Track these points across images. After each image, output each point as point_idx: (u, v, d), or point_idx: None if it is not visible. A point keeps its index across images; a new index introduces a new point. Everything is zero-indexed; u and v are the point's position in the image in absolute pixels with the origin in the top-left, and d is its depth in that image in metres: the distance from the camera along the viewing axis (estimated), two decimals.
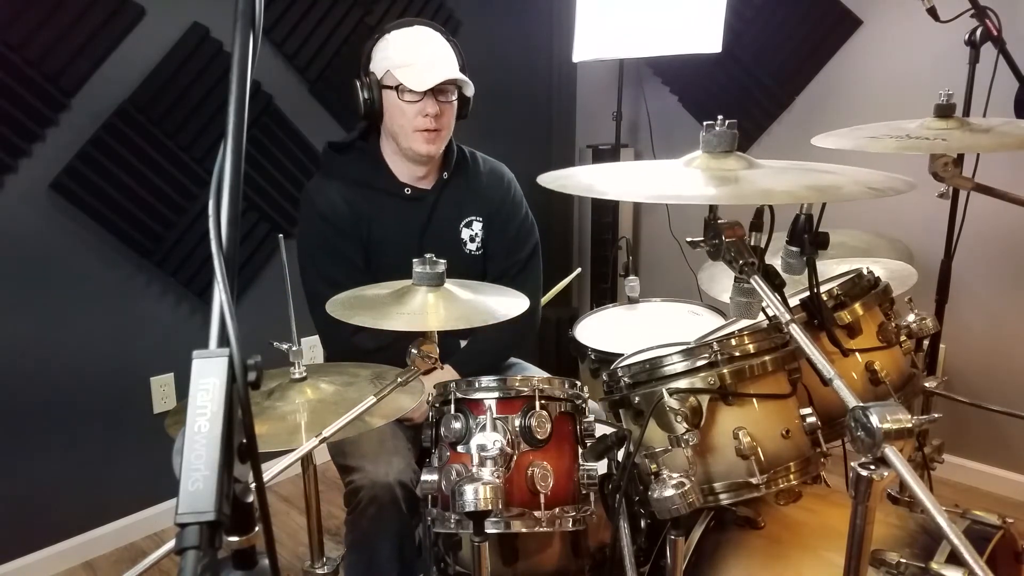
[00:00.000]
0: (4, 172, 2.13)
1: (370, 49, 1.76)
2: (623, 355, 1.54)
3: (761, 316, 1.21)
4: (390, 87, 1.72)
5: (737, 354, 1.22)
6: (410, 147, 1.77)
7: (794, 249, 1.23)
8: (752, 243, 1.12)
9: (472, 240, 1.91)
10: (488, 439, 1.15)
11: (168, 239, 2.43)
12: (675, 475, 1.09)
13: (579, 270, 1.96)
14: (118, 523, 2.51)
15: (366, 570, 1.64)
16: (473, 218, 1.91)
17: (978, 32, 1.92)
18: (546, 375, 1.71)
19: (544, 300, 1.84)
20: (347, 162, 1.84)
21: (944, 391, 1.66)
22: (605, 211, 3.31)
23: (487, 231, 1.93)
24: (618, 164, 2.18)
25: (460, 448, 1.30)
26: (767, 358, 1.23)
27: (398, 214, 1.83)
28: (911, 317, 1.51)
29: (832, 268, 1.60)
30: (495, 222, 1.93)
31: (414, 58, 1.72)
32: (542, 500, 1.25)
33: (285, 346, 1.38)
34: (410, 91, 1.69)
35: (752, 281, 1.04)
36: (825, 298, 1.35)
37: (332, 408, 1.30)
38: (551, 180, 1.21)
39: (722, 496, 1.20)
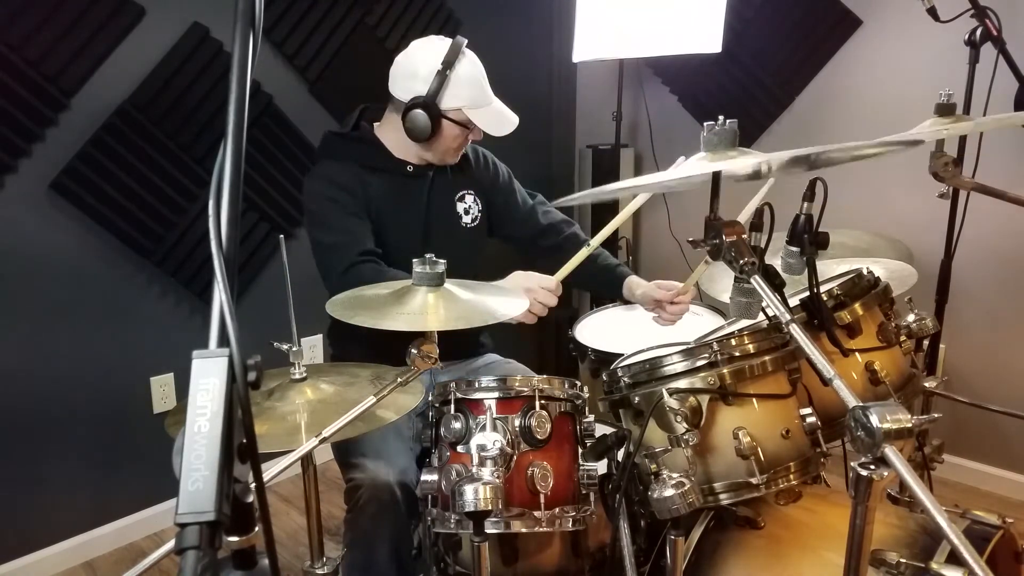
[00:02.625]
0: (4, 172, 2.13)
1: (437, 81, 1.75)
2: (623, 355, 1.54)
3: (761, 316, 1.21)
4: (458, 122, 1.80)
5: (737, 354, 1.23)
6: (444, 160, 1.89)
7: (794, 249, 1.23)
8: (752, 243, 1.12)
9: (467, 213, 1.99)
10: (488, 439, 1.16)
11: (168, 239, 2.43)
12: (675, 475, 1.09)
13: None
14: (118, 523, 2.51)
15: (364, 569, 1.64)
16: (465, 192, 1.99)
17: (978, 32, 1.92)
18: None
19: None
20: (349, 147, 1.90)
21: (944, 391, 1.66)
22: (605, 211, 3.30)
23: (487, 204, 2.02)
24: (625, 183, 2.18)
25: (460, 448, 1.31)
26: (767, 358, 1.23)
27: (401, 191, 1.89)
28: (911, 317, 1.51)
29: (832, 268, 1.60)
30: (495, 194, 2.04)
31: (483, 98, 1.83)
32: (542, 500, 1.25)
33: (285, 346, 1.38)
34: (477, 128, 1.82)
35: (752, 281, 1.04)
36: (825, 298, 1.35)
37: (332, 408, 1.30)
38: (565, 202, 1.20)
39: (722, 496, 1.20)
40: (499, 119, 1.84)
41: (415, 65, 1.78)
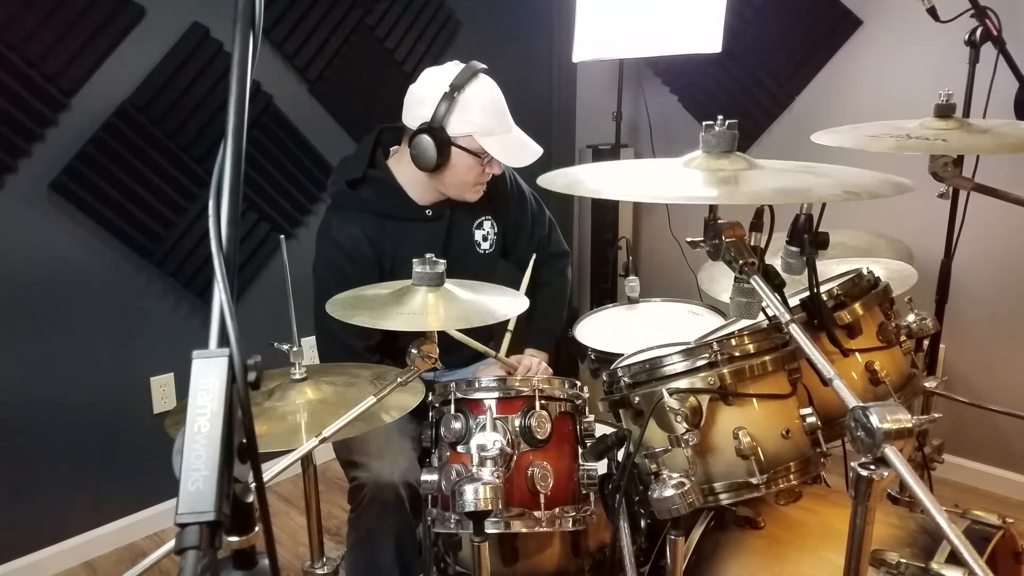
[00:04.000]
0: (4, 172, 2.12)
1: (442, 104, 1.66)
2: (623, 355, 1.54)
3: (761, 316, 1.21)
4: (470, 151, 1.70)
5: (737, 354, 1.22)
6: (462, 196, 1.81)
7: (794, 249, 1.23)
8: (752, 243, 1.12)
9: (485, 240, 1.94)
10: (488, 439, 1.16)
11: (168, 239, 2.43)
12: (675, 475, 1.09)
13: (534, 257, 2.03)
14: (118, 523, 2.51)
15: (367, 569, 1.65)
16: (483, 218, 1.94)
17: (978, 32, 1.93)
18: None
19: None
20: (364, 196, 1.80)
21: (944, 391, 1.66)
22: (605, 211, 3.30)
23: (503, 228, 1.98)
24: (617, 163, 2.18)
25: (460, 448, 1.31)
26: (767, 358, 1.23)
27: (420, 235, 1.82)
28: (911, 317, 1.50)
29: (832, 268, 1.60)
30: (508, 217, 1.99)
31: (498, 125, 1.73)
32: (542, 500, 1.25)
33: (285, 346, 1.38)
34: (489, 159, 1.72)
35: (752, 281, 1.04)
36: (825, 298, 1.35)
37: (332, 408, 1.31)
38: (551, 180, 1.21)
39: (722, 496, 1.20)
40: (517, 148, 1.74)
41: (424, 90, 1.70)
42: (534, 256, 2.02)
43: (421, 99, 1.70)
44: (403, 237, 1.80)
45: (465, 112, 1.68)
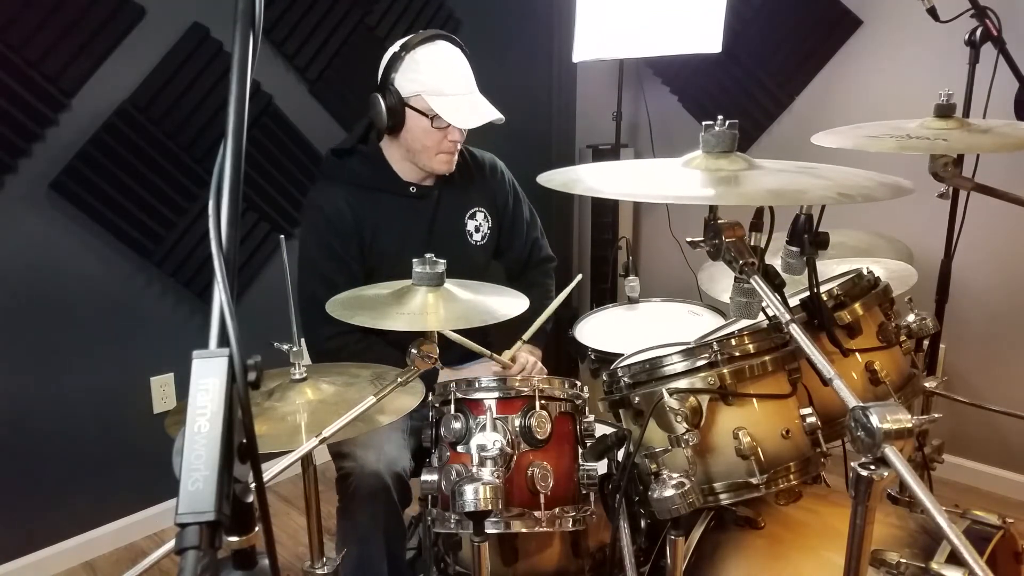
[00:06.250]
0: (4, 172, 2.13)
1: (392, 63, 1.72)
2: (623, 355, 1.54)
3: (761, 316, 1.21)
4: (420, 111, 1.71)
5: (737, 354, 1.22)
6: (429, 165, 1.80)
7: (794, 249, 1.23)
8: (752, 243, 1.12)
9: (477, 231, 1.94)
10: (488, 439, 1.16)
11: (168, 239, 2.43)
12: (675, 475, 1.09)
13: (580, 276, 1.99)
14: (118, 523, 2.51)
15: (356, 560, 1.65)
16: (477, 209, 1.94)
17: (978, 32, 1.93)
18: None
19: (548, 312, 1.88)
20: (350, 166, 1.83)
21: (944, 391, 1.66)
22: (605, 211, 3.31)
23: (498, 224, 1.99)
24: (617, 163, 2.18)
25: (460, 448, 1.31)
26: (767, 358, 1.23)
27: (405, 212, 1.84)
28: (911, 317, 1.50)
29: (832, 268, 1.60)
30: (504, 216, 2.00)
31: (449, 86, 1.72)
32: (542, 500, 1.25)
33: (285, 346, 1.38)
34: (445, 122, 1.70)
35: (752, 281, 1.04)
36: (825, 298, 1.35)
37: (332, 408, 1.30)
38: (550, 179, 1.21)
39: (722, 496, 1.20)
40: (468, 109, 1.72)
41: (385, 55, 1.76)
42: (578, 277, 1.99)
43: (382, 63, 1.75)
44: (386, 211, 1.81)
45: (414, 72, 1.70)
